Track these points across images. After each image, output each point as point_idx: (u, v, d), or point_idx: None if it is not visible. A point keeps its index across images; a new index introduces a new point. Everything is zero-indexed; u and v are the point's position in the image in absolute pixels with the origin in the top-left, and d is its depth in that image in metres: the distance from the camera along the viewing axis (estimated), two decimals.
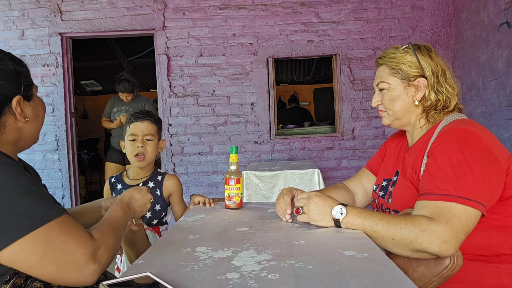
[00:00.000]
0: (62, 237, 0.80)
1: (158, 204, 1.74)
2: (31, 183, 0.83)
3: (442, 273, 0.96)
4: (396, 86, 1.23)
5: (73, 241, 0.81)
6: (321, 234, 1.06)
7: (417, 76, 1.21)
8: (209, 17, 4.22)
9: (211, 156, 4.28)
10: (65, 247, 0.80)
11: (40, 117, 1.01)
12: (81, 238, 0.82)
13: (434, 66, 1.20)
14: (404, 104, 1.23)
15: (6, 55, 0.93)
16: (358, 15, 4.17)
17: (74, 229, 0.83)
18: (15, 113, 0.92)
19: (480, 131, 1.07)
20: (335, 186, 1.48)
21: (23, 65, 0.97)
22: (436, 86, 1.19)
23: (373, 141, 4.21)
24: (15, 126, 0.93)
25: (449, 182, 1.00)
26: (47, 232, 0.79)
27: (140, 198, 1.19)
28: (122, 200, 1.13)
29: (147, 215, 1.72)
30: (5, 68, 0.90)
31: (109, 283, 0.73)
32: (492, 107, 3.42)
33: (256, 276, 0.76)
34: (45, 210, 0.81)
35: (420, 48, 1.23)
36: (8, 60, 0.92)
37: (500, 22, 3.21)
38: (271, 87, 4.25)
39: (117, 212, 1.05)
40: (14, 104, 0.91)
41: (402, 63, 1.22)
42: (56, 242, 0.79)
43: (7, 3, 4.26)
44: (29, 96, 0.97)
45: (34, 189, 0.82)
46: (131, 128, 1.72)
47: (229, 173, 1.42)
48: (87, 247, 0.82)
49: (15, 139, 0.94)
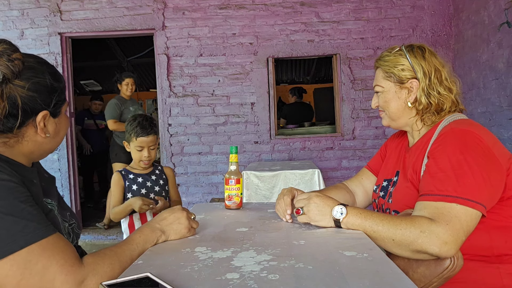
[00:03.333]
0: (43, 262, 0.75)
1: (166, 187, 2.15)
2: (22, 200, 0.79)
3: (442, 273, 0.96)
4: (389, 89, 1.24)
5: (55, 267, 0.76)
6: (321, 235, 1.06)
7: (410, 78, 1.20)
8: (209, 17, 4.22)
9: (211, 156, 4.28)
10: (45, 272, 0.75)
11: (61, 135, 0.99)
12: (64, 263, 0.77)
13: (426, 67, 1.18)
14: (398, 107, 1.24)
15: (47, 68, 0.92)
16: (358, 14, 4.17)
17: (59, 252, 0.77)
18: (37, 126, 0.90)
19: (480, 132, 1.07)
20: (335, 186, 1.48)
21: (61, 81, 0.95)
22: (427, 89, 1.18)
23: (374, 141, 4.20)
24: (33, 139, 0.91)
25: (449, 183, 1.00)
26: (28, 256, 0.74)
27: (169, 216, 1.05)
28: (148, 222, 1.04)
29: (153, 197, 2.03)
30: (41, 81, 0.88)
31: (109, 283, 0.72)
32: (493, 107, 3.42)
33: (256, 276, 0.76)
34: (30, 230, 0.76)
35: (414, 49, 1.22)
36: (47, 74, 0.90)
37: (500, 22, 3.21)
38: (271, 87, 4.25)
39: (133, 236, 0.97)
40: (39, 118, 0.89)
41: (395, 67, 1.22)
42: (36, 267, 0.74)
43: (6, 3, 4.26)
44: (57, 113, 0.95)
45: (22, 207, 0.77)
46: (138, 141, 2.00)
47: (229, 173, 1.42)
48: (70, 273, 0.76)
49: (31, 151, 0.93)
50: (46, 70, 0.91)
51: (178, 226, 1.04)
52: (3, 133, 0.88)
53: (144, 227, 1.02)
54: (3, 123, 0.86)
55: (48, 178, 1.03)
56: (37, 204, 0.85)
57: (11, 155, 0.89)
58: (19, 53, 0.87)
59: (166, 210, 1.10)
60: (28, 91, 0.86)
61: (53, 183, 1.04)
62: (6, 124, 0.86)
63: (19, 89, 0.85)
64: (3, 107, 0.84)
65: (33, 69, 0.88)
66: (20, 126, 0.88)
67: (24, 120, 0.87)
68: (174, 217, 1.05)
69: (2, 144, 0.89)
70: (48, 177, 1.02)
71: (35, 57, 0.92)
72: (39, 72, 0.89)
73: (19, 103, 0.85)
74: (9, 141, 0.89)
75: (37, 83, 0.88)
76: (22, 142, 0.90)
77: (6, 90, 0.84)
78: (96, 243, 4.23)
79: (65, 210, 1.04)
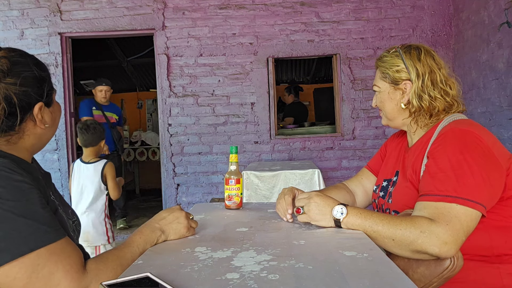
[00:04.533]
0: (50, 266, 0.76)
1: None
2: (34, 202, 0.79)
3: (442, 274, 0.96)
4: (385, 89, 1.25)
5: (60, 272, 0.76)
6: (321, 234, 1.06)
7: (404, 80, 1.20)
8: (209, 17, 4.22)
9: (211, 156, 4.28)
10: (51, 277, 0.75)
11: (57, 123, 1.00)
12: (70, 269, 0.77)
13: (421, 68, 1.17)
14: (393, 107, 1.25)
15: (31, 60, 0.91)
16: (358, 14, 4.17)
17: (66, 258, 0.78)
18: (35, 119, 0.90)
19: (480, 132, 1.07)
20: (335, 186, 1.48)
21: (46, 70, 0.95)
22: (419, 92, 1.17)
23: (374, 141, 4.20)
24: (33, 132, 0.92)
25: (449, 183, 1.00)
26: (36, 260, 0.75)
27: (168, 216, 1.04)
28: (147, 223, 1.03)
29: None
30: (30, 75, 0.88)
31: (109, 283, 0.72)
32: (493, 107, 3.42)
33: (256, 276, 0.76)
34: (41, 234, 0.76)
35: (411, 50, 1.21)
36: (34, 65, 0.90)
37: (500, 22, 3.20)
38: (271, 87, 4.25)
39: (133, 237, 0.96)
40: (36, 111, 0.90)
41: (390, 68, 1.22)
42: (43, 271, 0.75)
43: (6, 3, 4.26)
44: (50, 102, 0.95)
45: (34, 209, 0.78)
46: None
47: (229, 173, 1.42)
48: (75, 280, 0.77)
49: (32, 144, 0.93)
50: (30, 62, 0.90)
51: (177, 225, 1.03)
52: (6, 132, 0.88)
53: (144, 227, 1.01)
54: (4, 123, 0.86)
55: (45, 174, 1.03)
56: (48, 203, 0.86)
57: (16, 151, 0.90)
58: (2, 51, 0.87)
59: (164, 210, 1.10)
60: (21, 87, 0.86)
61: (50, 179, 1.05)
62: (7, 123, 0.87)
63: (11, 86, 0.85)
64: (2, 108, 0.84)
65: (19, 64, 0.88)
66: (20, 122, 0.88)
67: (23, 116, 0.88)
68: (173, 217, 1.04)
69: (6, 143, 0.89)
70: (44, 173, 1.03)
71: (15, 50, 0.91)
72: (25, 65, 0.88)
73: (15, 101, 0.85)
74: (11, 138, 0.89)
75: (27, 76, 0.88)
76: (24, 137, 0.91)
77: (1, 91, 0.84)
78: None
79: (66, 207, 1.04)
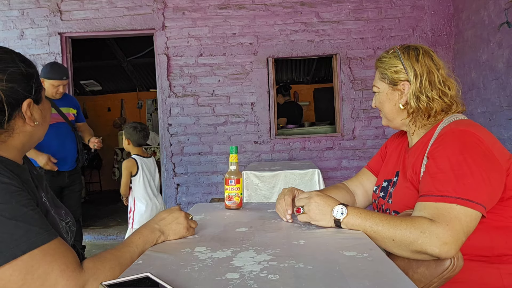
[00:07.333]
0: (45, 267, 0.75)
1: None
2: (24, 204, 0.78)
3: (442, 274, 0.96)
4: (383, 90, 1.26)
5: (56, 272, 0.76)
6: (321, 234, 1.06)
7: (402, 81, 1.20)
8: (209, 17, 4.22)
9: (211, 156, 4.28)
10: (47, 278, 0.75)
11: (47, 119, 0.99)
12: (66, 268, 0.77)
13: (419, 69, 1.17)
14: (391, 108, 1.25)
15: (17, 57, 0.90)
16: (358, 14, 4.17)
17: (60, 257, 0.77)
18: (24, 116, 0.89)
19: (480, 132, 1.07)
20: (335, 186, 1.48)
21: (33, 67, 0.94)
22: (417, 93, 1.17)
23: (374, 141, 4.20)
24: (23, 130, 0.91)
25: (449, 184, 1.00)
26: (30, 261, 0.74)
27: (167, 216, 1.04)
28: (147, 223, 1.03)
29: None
30: (16, 71, 0.87)
31: (109, 283, 0.72)
32: (493, 107, 3.42)
33: (256, 276, 0.76)
34: (33, 235, 0.76)
35: (409, 50, 1.21)
36: (19, 62, 0.89)
37: (500, 22, 3.20)
38: (271, 87, 4.25)
39: (132, 237, 0.96)
40: (24, 108, 0.88)
41: (389, 69, 1.22)
42: (38, 272, 0.75)
43: (6, 3, 4.26)
44: (39, 99, 0.94)
45: (24, 211, 0.78)
46: None
47: (229, 173, 1.42)
48: (72, 278, 0.76)
49: (22, 142, 0.92)
50: (15, 58, 0.89)
51: (177, 226, 1.03)
52: None
53: (143, 228, 1.01)
54: None
55: (37, 175, 1.02)
56: (38, 205, 0.85)
57: (5, 151, 0.89)
58: None
59: (164, 210, 1.09)
60: (7, 83, 0.85)
61: (42, 180, 1.04)
62: None
63: None
64: None
65: (3, 60, 0.87)
66: (9, 119, 0.87)
67: (11, 113, 0.87)
68: (172, 217, 1.03)
69: None
70: (37, 174, 1.02)
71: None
72: (10, 62, 0.87)
73: (2, 97, 0.84)
74: (0, 137, 0.88)
75: (13, 72, 0.87)
76: (13, 135, 0.89)
77: None
78: (96, 243, 4.23)
79: (59, 208, 1.03)
